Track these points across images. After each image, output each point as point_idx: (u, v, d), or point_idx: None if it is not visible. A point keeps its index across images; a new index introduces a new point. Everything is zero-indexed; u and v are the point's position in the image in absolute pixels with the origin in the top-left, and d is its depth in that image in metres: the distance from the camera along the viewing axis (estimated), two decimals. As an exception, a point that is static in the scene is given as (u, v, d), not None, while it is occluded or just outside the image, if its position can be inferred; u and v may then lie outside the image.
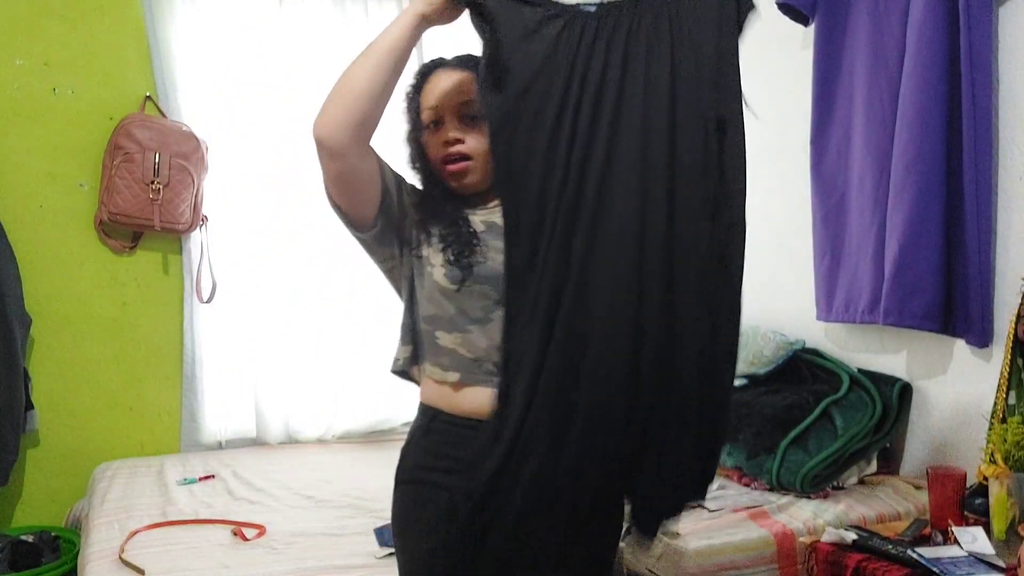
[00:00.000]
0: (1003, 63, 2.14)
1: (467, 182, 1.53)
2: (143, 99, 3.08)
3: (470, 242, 1.49)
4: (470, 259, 1.47)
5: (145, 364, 3.15)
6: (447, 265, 1.48)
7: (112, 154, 2.98)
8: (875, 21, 2.41)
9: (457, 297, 1.47)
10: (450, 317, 1.48)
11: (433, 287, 1.49)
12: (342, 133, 1.40)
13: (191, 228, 3.09)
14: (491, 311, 1.47)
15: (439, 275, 1.48)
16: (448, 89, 1.51)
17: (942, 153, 2.20)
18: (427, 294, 1.50)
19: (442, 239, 1.50)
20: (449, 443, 1.52)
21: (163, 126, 3.02)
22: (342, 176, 1.44)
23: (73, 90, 3.04)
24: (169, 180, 2.99)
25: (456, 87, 1.51)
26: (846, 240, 2.55)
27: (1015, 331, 1.98)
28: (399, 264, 1.56)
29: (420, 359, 1.55)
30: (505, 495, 1.37)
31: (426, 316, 1.51)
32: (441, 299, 1.48)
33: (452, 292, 1.47)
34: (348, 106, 1.40)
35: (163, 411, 3.18)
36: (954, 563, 1.72)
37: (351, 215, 1.50)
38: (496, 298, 1.46)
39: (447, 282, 1.47)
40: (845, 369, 2.56)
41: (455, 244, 1.48)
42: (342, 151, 1.41)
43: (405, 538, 1.55)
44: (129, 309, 3.13)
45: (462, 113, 1.51)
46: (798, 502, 2.30)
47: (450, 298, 1.47)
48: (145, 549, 2.13)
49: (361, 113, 1.40)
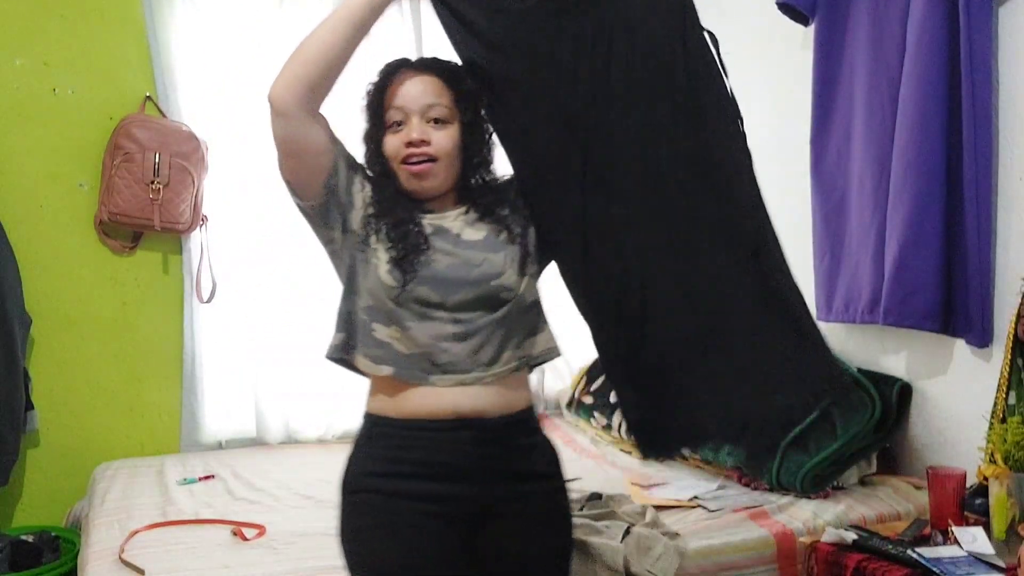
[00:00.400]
0: (1003, 63, 2.14)
1: (428, 185, 1.54)
2: (143, 99, 3.07)
3: (418, 245, 1.50)
4: (415, 262, 1.49)
5: (145, 364, 3.15)
6: (392, 264, 1.49)
7: (112, 154, 2.98)
8: (875, 21, 2.41)
9: (398, 295, 1.48)
10: (389, 311, 1.49)
11: (376, 281, 1.50)
12: (288, 93, 1.44)
13: (191, 228, 3.09)
14: (431, 312, 1.49)
15: (383, 271, 1.49)
16: (415, 92, 1.52)
17: (942, 153, 2.20)
18: (369, 286, 1.51)
19: (390, 238, 1.50)
20: (397, 447, 1.53)
21: (163, 126, 3.02)
22: (286, 138, 1.47)
23: (73, 90, 3.04)
24: (169, 180, 2.99)
25: (423, 90, 1.52)
26: (846, 240, 2.55)
27: (1015, 331, 1.98)
28: (340, 249, 1.56)
29: (354, 348, 1.55)
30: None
31: (364, 306, 1.52)
32: (382, 294, 1.49)
33: (394, 290, 1.48)
34: (297, 69, 1.44)
35: (163, 411, 3.17)
36: (954, 563, 1.72)
37: (292, 181, 1.52)
38: (437, 300, 1.48)
39: (390, 280, 1.48)
40: (845, 369, 2.56)
41: (402, 245, 1.49)
42: (286, 110, 1.44)
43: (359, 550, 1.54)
44: (129, 309, 3.13)
45: (428, 116, 1.51)
46: (798, 502, 2.30)
47: (391, 295, 1.49)
48: (145, 549, 2.13)
49: (309, 77, 1.44)
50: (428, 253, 1.50)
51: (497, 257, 1.52)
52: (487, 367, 1.51)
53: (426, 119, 1.51)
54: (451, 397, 1.50)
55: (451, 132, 1.52)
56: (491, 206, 1.56)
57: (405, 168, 1.52)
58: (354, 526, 1.55)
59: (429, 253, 1.50)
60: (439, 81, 1.53)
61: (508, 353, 1.53)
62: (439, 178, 1.53)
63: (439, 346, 1.49)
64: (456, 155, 1.53)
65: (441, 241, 1.52)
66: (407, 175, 1.53)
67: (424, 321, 1.49)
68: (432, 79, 1.53)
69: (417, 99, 1.51)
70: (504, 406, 1.53)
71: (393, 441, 1.54)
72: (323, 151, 1.50)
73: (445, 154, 1.51)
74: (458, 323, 1.50)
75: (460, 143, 1.53)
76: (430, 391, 1.49)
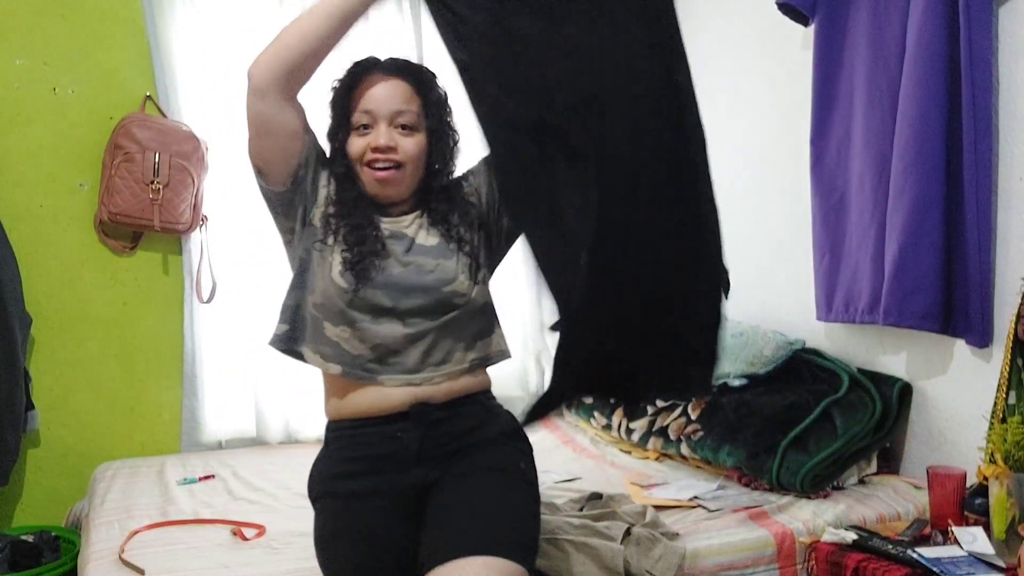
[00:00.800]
0: (1003, 63, 2.14)
1: (392, 191, 1.54)
2: (143, 99, 3.07)
3: (374, 250, 1.50)
4: (370, 267, 1.49)
5: (145, 364, 3.15)
6: (346, 266, 1.49)
7: (112, 154, 2.98)
8: (875, 21, 2.41)
9: (349, 297, 1.49)
10: (340, 311, 1.50)
11: (328, 281, 1.50)
12: (265, 74, 1.46)
13: (191, 228, 3.09)
14: (381, 315, 1.49)
15: (336, 274, 1.50)
16: (384, 96, 1.51)
17: (942, 153, 2.20)
18: (321, 284, 1.52)
19: (347, 241, 1.51)
20: (349, 448, 1.55)
21: (163, 126, 3.02)
22: (259, 116, 1.49)
23: (73, 90, 3.04)
24: (169, 180, 2.99)
25: (392, 95, 1.51)
26: (846, 240, 2.55)
27: (1015, 331, 1.98)
28: (296, 241, 1.57)
29: (301, 341, 1.56)
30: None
31: (315, 303, 1.53)
32: (334, 295, 1.50)
33: (346, 293, 1.49)
34: (278, 50, 1.46)
35: (163, 411, 3.18)
36: (954, 563, 1.72)
37: (260, 165, 1.53)
38: (389, 305, 1.49)
39: (343, 282, 1.49)
40: (845, 369, 2.56)
41: (358, 250, 1.50)
42: (259, 90, 1.46)
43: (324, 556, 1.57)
44: (129, 309, 3.13)
45: (396, 122, 1.51)
46: (798, 502, 2.30)
47: (342, 296, 1.49)
48: (145, 549, 2.13)
49: (285, 61, 1.45)
50: (383, 258, 1.50)
51: (450, 263, 1.53)
52: (436, 367, 1.52)
53: (394, 125, 1.51)
54: (400, 396, 1.51)
55: (418, 139, 1.52)
56: (444, 213, 1.56)
57: (369, 172, 1.52)
58: (319, 533, 1.58)
59: (384, 258, 1.50)
60: (409, 87, 1.52)
61: (459, 354, 1.54)
62: (403, 184, 1.54)
63: (388, 348, 1.50)
64: (421, 162, 1.53)
65: (397, 246, 1.52)
66: (371, 179, 1.52)
67: (374, 324, 1.50)
68: (402, 84, 1.52)
69: (386, 104, 1.51)
70: (452, 394, 1.54)
71: (344, 443, 1.57)
72: (295, 135, 1.51)
73: (411, 161, 1.52)
74: (409, 326, 1.50)
75: (426, 150, 1.53)
76: (378, 390, 1.51)
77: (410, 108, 1.51)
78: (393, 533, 1.51)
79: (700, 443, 2.59)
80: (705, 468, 2.61)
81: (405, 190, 1.55)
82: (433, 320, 1.51)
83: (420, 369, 1.51)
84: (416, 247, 1.53)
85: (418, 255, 1.53)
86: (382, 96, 1.51)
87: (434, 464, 1.53)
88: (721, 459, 2.52)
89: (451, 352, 1.53)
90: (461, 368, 1.55)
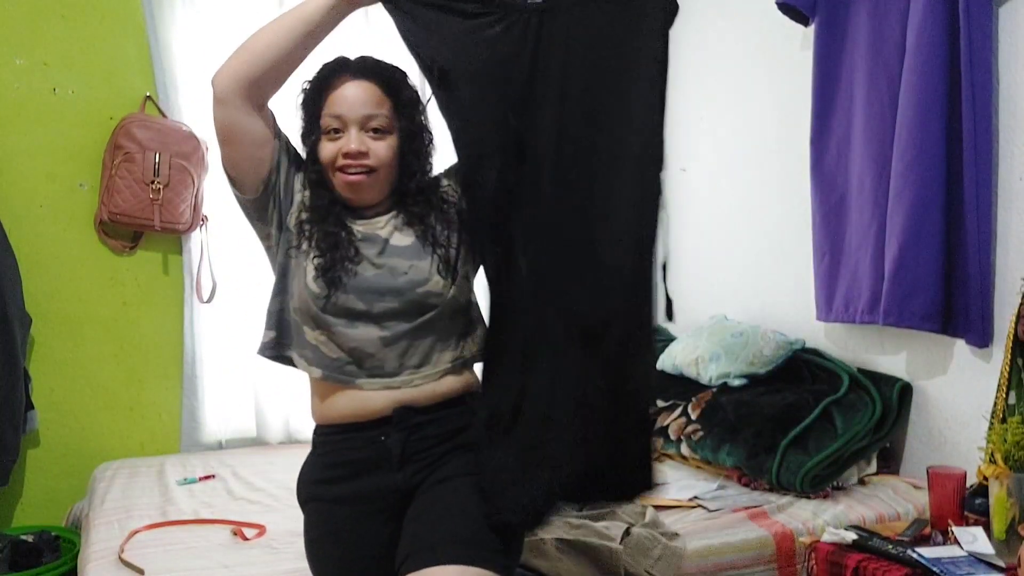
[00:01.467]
0: (1003, 63, 2.14)
1: (365, 196, 1.52)
2: (143, 99, 3.08)
3: (348, 254, 1.49)
4: (341, 273, 1.48)
5: (145, 364, 3.15)
6: (318, 272, 1.48)
7: (112, 154, 2.98)
8: (875, 21, 2.41)
9: (322, 303, 1.49)
10: (315, 316, 1.50)
11: (303, 286, 1.50)
12: (228, 81, 1.43)
13: (191, 228, 3.09)
14: (355, 319, 1.49)
15: (310, 279, 1.49)
16: (354, 100, 1.49)
17: (942, 153, 2.20)
18: (298, 289, 1.51)
19: (320, 247, 1.49)
20: (333, 452, 1.55)
21: (163, 126, 3.02)
22: (224, 125, 1.47)
23: (73, 90, 3.04)
24: (169, 180, 2.99)
25: (362, 99, 1.49)
26: (846, 240, 2.55)
27: (1015, 331, 1.98)
28: (274, 247, 1.57)
29: (288, 346, 1.55)
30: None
31: (295, 307, 1.53)
32: (308, 299, 1.49)
33: (319, 299, 1.49)
34: (242, 60, 1.44)
35: (163, 411, 3.18)
36: (954, 563, 1.72)
37: (231, 173, 1.52)
38: (362, 309, 1.48)
39: (316, 287, 1.49)
40: (845, 369, 2.56)
41: (331, 256, 1.48)
42: (224, 98, 1.44)
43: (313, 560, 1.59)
44: (129, 309, 3.13)
45: (367, 127, 1.49)
46: (798, 502, 2.30)
47: (315, 302, 1.49)
48: (145, 549, 2.13)
49: (251, 69, 1.43)
50: (356, 262, 1.49)
51: (423, 264, 1.51)
52: (416, 370, 1.51)
53: (365, 129, 1.49)
54: (380, 401, 1.50)
55: (390, 142, 1.50)
56: (420, 212, 1.54)
57: (341, 176, 1.50)
58: (307, 536, 1.59)
59: (357, 262, 1.49)
60: (378, 89, 1.50)
61: (438, 355, 1.53)
62: (376, 188, 1.52)
63: (365, 351, 1.50)
64: (394, 165, 1.51)
65: (370, 248, 1.51)
66: (343, 183, 1.50)
67: (349, 328, 1.49)
68: (371, 86, 1.50)
69: (356, 108, 1.48)
70: (436, 397, 1.53)
71: (328, 448, 1.56)
72: (262, 144, 1.49)
73: (383, 165, 1.50)
74: (384, 329, 1.49)
75: (398, 152, 1.51)
76: (358, 394, 1.51)
77: (380, 111, 1.49)
78: (379, 537, 1.51)
79: (700, 443, 2.59)
80: (705, 468, 2.62)
81: (379, 193, 1.53)
82: (409, 322, 1.50)
83: (399, 372, 1.50)
84: (390, 248, 1.52)
85: (391, 257, 1.51)
86: (352, 99, 1.49)
87: (419, 468, 1.53)
88: (721, 459, 2.52)
89: (430, 354, 1.52)
90: (442, 369, 1.53)
